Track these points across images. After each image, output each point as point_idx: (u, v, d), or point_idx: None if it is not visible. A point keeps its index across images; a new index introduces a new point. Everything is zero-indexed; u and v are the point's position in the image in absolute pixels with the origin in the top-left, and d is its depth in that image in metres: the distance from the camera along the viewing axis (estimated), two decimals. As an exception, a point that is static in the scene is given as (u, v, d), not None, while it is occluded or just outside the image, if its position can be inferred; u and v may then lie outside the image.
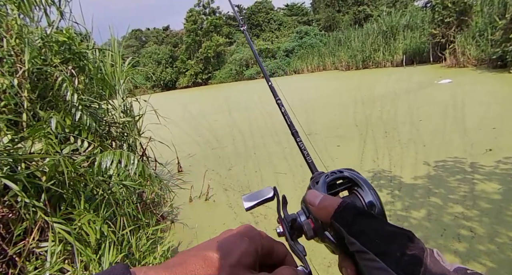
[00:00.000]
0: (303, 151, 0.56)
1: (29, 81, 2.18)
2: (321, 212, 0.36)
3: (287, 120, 0.59)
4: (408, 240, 0.30)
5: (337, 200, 0.35)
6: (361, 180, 0.40)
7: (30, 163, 1.72)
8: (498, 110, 6.40)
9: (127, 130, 3.58)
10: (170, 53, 43.52)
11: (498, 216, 2.96)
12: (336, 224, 0.33)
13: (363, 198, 0.39)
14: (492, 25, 13.48)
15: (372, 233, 0.31)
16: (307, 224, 0.39)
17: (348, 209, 0.33)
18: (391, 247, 0.29)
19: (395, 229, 0.31)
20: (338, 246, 0.36)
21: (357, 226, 0.32)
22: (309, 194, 0.38)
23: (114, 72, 3.79)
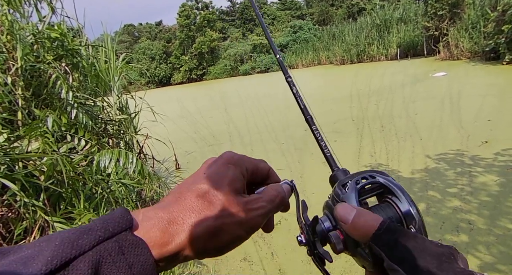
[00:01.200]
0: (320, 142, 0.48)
1: (23, 79, 2.12)
2: (356, 232, 0.32)
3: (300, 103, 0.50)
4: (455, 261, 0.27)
5: (376, 219, 0.31)
6: (397, 187, 0.35)
7: (27, 162, 1.68)
8: (493, 102, 6.45)
9: (124, 127, 3.54)
10: (164, 48, 43.07)
11: (496, 208, 2.99)
12: (376, 248, 0.30)
13: (399, 209, 0.35)
14: (484, 17, 13.54)
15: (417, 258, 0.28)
16: (336, 237, 0.34)
17: (390, 231, 0.30)
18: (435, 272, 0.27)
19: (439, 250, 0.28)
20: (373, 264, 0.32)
21: (401, 251, 0.28)
22: (340, 209, 0.34)
23: (108, 69, 3.72)
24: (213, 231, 0.31)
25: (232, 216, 0.32)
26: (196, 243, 0.30)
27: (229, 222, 0.32)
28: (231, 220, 0.32)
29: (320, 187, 3.99)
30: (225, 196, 0.32)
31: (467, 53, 14.70)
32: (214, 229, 0.31)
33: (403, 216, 0.34)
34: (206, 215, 0.31)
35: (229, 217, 0.32)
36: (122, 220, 0.27)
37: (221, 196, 0.32)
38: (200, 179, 0.34)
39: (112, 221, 0.27)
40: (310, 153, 5.40)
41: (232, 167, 0.35)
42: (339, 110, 8.33)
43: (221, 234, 0.31)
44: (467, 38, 14.61)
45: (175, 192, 0.34)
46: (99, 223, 0.27)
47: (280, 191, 0.37)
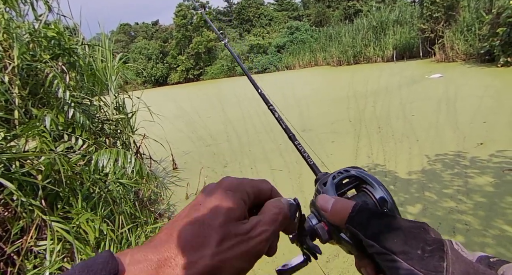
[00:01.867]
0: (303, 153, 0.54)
1: (19, 78, 2.10)
2: (335, 217, 0.35)
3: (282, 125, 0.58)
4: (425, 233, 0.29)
5: (349, 203, 0.34)
6: (369, 177, 0.39)
7: (24, 161, 1.66)
8: (489, 103, 6.51)
9: (121, 127, 3.51)
10: (160, 48, 42.93)
11: (492, 209, 3.02)
12: (352, 228, 0.32)
13: (373, 195, 0.38)
14: (479, 20, 13.67)
15: (389, 232, 0.30)
16: (321, 228, 0.37)
17: (361, 211, 0.33)
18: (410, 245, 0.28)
19: (410, 224, 0.30)
20: (355, 246, 0.35)
21: (373, 228, 0.31)
22: (320, 199, 0.37)
23: (105, 68, 3.70)
24: (211, 271, 0.28)
25: (232, 249, 0.29)
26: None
27: (229, 257, 0.29)
28: (230, 254, 0.29)
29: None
30: (223, 227, 0.29)
31: (462, 55, 14.82)
32: (212, 269, 0.28)
33: (377, 201, 0.38)
34: (202, 253, 0.28)
35: (228, 251, 0.29)
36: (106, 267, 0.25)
37: (218, 228, 0.29)
38: (196, 211, 0.31)
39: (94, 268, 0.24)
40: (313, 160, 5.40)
41: (231, 193, 0.33)
42: (336, 111, 8.36)
43: (221, 272, 0.28)
44: (463, 40, 14.74)
45: (167, 227, 0.30)
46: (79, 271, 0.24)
47: (281, 207, 0.34)
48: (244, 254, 0.30)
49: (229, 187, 0.34)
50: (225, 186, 0.34)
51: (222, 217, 0.30)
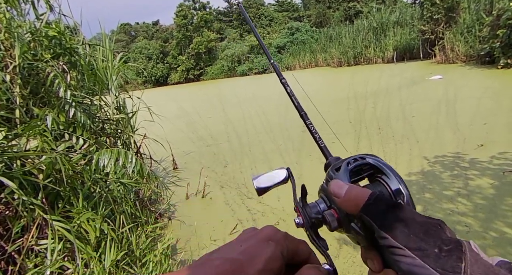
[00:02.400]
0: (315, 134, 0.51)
1: (21, 77, 2.10)
2: (348, 204, 0.33)
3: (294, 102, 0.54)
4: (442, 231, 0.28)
5: (366, 191, 0.32)
6: (386, 167, 0.37)
7: (26, 160, 1.66)
8: (489, 105, 6.52)
9: (121, 127, 3.51)
10: (161, 48, 42.94)
11: (492, 211, 3.02)
12: (366, 217, 0.31)
13: (389, 186, 0.36)
14: (479, 22, 13.69)
15: (405, 226, 0.28)
16: (330, 215, 0.36)
17: (379, 201, 0.31)
18: (427, 242, 0.27)
19: (427, 220, 0.29)
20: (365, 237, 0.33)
21: (389, 220, 0.29)
22: (333, 185, 0.35)
23: (106, 68, 3.70)
24: None
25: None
26: None
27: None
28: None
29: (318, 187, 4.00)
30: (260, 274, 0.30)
31: (462, 56, 14.83)
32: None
33: (392, 192, 0.36)
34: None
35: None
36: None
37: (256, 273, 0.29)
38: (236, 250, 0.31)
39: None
40: (308, 154, 5.41)
41: (272, 244, 0.33)
42: (337, 112, 8.36)
43: None
44: (463, 42, 14.76)
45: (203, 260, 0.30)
46: None
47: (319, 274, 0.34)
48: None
49: (271, 237, 0.34)
50: (268, 235, 0.34)
51: (261, 264, 0.30)
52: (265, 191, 0.42)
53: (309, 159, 5.20)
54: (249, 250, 0.31)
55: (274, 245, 0.33)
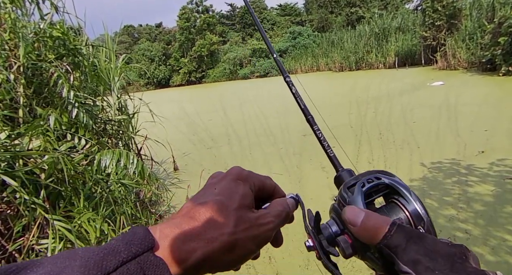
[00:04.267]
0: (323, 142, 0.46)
1: (24, 77, 2.11)
2: (366, 235, 0.31)
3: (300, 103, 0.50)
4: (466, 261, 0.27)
5: (385, 221, 0.31)
6: (403, 188, 0.35)
7: (28, 160, 1.67)
8: (490, 112, 6.52)
9: (123, 128, 3.52)
10: (163, 50, 43.10)
11: (492, 218, 3.01)
12: (386, 250, 0.29)
13: (407, 210, 0.34)
14: (481, 29, 13.74)
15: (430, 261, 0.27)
16: (344, 241, 0.34)
17: (401, 232, 0.29)
18: None
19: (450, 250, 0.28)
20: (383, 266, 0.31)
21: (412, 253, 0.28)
22: (349, 212, 0.33)
23: (108, 69, 3.72)
24: (229, 247, 0.32)
25: (245, 231, 0.33)
26: (211, 259, 0.31)
27: (243, 237, 0.33)
28: (244, 235, 0.33)
29: (318, 192, 4.00)
30: (238, 212, 0.33)
31: (464, 63, 14.87)
32: (230, 245, 0.32)
33: (411, 217, 0.34)
34: (221, 231, 0.32)
35: (242, 232, 0.33)
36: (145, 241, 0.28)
37: (234, 212, 0.33)
38: (212, 195, 0.34)
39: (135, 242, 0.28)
40: (308, 158, 5.41)
41: (241, 183, 0.36)
42: (338, 117, 8.37)
43: (236, 249, 0.32)
44: (464, 48, 14.80)
45: (189, 207, 0.34)
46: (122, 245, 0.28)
47: (285, 206, 0.39)
48: (254, 237, 0.34)
49: (239, 176, 0.37)
50: (236, 176, 0.37)
51: (237, 202, 0.34)
52: None
53: (309, 163, 5.20)
54: (223, 191, 0.35)
55: (242, 183, 0.36)
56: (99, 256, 0.26)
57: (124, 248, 0.27)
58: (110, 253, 0.27)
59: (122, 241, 0.28)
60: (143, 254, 0.28)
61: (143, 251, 0.28)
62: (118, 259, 0.26)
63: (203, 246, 0.30)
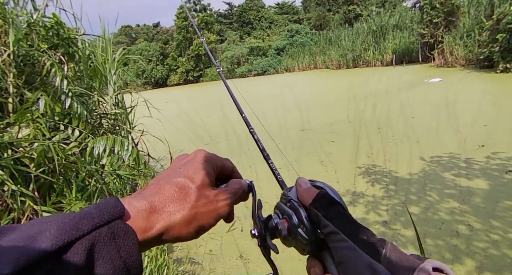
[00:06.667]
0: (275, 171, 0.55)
1: (15, 65, 2.04)
2: (304, 195, 0.40)
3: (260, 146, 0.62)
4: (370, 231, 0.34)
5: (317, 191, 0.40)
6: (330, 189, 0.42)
7: (17, 149, 1.60)
8: (489, 108, 6.49)
9: (120, 122, 3.45)
10: (161, 50, 42.87)
11: (494, 211, 2.97)
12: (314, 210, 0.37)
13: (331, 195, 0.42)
14: (479, 26, 13.71)
15: (344, 219, 0.36)
16: (282, 224, 0.41)
17: (325, 197, 0.39)
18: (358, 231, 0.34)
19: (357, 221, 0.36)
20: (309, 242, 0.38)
21: (332, 212, 0.36)
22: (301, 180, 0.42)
23: (105, 62, 3.65)
24: (188, 219, 0.35)
25: (205, 206, 0.37)
26: (173, 229, 0.35)
27: (202, 211, 0.37)
28: (203, 209, 0.37)
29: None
30: (199, 189, 0.37)
31: (461, 60, 14.86)
32: (189, 218, 0.35)
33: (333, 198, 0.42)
34: (183, 205, 0.35)
35: (202, 207, 0.37)
36: (116, 209, 0.31)
37: (196, 189, 0.37)
38: (178, 173, 0.38)
39: (107, 209, 0.30)
40: (307, 153, 5.36)
41: (204, 164, 0.40)
42: (336, 113, 8.32)
43: (195, 221, 0.36)
44: (462, 46, 14.78)
45: (155, 183, 0.38)
46: (95, 211, 0.30)
47: (242, 184, 0.44)
48: (212, 211, 0.38)
49: (202, 158, 0.41)
50: (200, 157, 0.41)
51: (199, 180, 0.38)
52: None
53: (307, 158, 5.15)
54: (188, 170, 0.39)
55: (205, 163, 0.40)
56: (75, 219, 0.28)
57: (97, 214, 0.30)
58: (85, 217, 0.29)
59: (95, 208, 0.30)
60: (114, 221, 0.30)
61: (115, 218, 0.30)
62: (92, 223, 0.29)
63: (165, 218, 0.34)
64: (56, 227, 0.27)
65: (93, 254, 0.28)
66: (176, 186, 0.36)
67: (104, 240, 0.29)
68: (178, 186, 0.37)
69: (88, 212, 0.29)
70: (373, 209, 3.36)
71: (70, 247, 0.27)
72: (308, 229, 0.38)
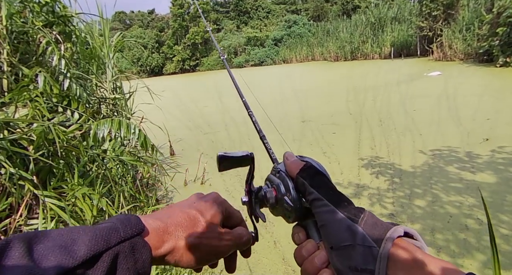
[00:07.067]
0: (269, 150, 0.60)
1: (8, 42, 1.89)
2: (292, 166, 0.43)
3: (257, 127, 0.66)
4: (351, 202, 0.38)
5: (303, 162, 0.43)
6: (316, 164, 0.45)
7: (14, 130, 1.46)
8: (491, 102, 6.45)
9: (119, 108, 3.30)
10: (156, 37, 42.09)
11: (502, 205, 2.93)
12: (301, 179, 0.40)
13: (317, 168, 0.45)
14: (479, 19, 13.61)
15: (327, 187, 0.39)
16: (270, 192, 0.45)
17: (311, 168, 0.42)
18: (340, 198, 0.37)
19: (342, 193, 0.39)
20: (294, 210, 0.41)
21: (316, 181, 0.40)
22: (288, 153, 0.46)
23: (102, 45, 3.47)
24: (192, 247, 0.38)
25: (209, 240, 0.40)
26: (177, 252, 0.38)
27: (206, 243, 0.39)
28: (207, 242, 0.40)
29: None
30: (207, 223, 0.40)
31: (460, 54, 14.82)
32: (193, 245, 0.38)
33: None
34: (190, 233, 0.39)
35: (206, 239, 0.40)
36: (138, 227, 0.34)
37: (204, 223, 0.40)
38: (191, 206, 0.42)
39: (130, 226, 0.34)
40: (309, 144, 5.28)
41: (216, 205, 0.43)
42: (336, 104, 8.23)
43: (197, 251, 0.39)
44: (461, 39, 14.72)
45: (168, 209, 0.41)
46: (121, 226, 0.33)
47: (247, 235, 0.45)
48: (214, 247, 0.41)
49: (215, 200, 0.44)
50: (213, 199, 0.44)
51: (209, 217, 0.41)
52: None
53: (309, 148, 5.08)
54: (200, 206, 0.42)
55: (217, 205, 0.43)
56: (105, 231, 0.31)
57: (122, 229, 0.33)
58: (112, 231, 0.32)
59: (120, 223, 0.33)
60: (135, 237, 0.33)
61: (136, 234, 0.33)
62: (118, 237, 0.32)
63: (173, 240, 0.37)
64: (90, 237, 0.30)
65: (116, 264, 0.31)
66: (188, 216, 0.40)
67: (125, 252, 0.32)
68: (189, 215, 0.40)
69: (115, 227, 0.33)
70: (378, 201, 3.30)
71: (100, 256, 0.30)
72: (294, 197, 0.41)
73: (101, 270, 0.29)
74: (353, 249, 0.33)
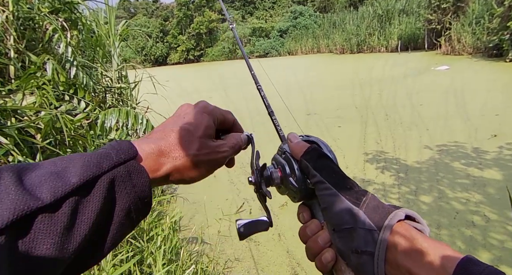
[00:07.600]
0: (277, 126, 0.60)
1: (15, 28, 1.86)
2: (295, 148, 0.43)
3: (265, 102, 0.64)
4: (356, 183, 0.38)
5: (308, 144, 0.43)
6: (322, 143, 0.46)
7: (22, 118, 1.45)
8: (499, 97, 6.35)
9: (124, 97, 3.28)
10: (161, 27, 41.75)
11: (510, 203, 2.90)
12: (304, 162, 0.41)
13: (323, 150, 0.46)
14: (489, 12, 13.30)
15: (330, 170, 0.39)
16: (275, 173, 0.45)
17: (315, 150, 0.42)
18: (343, 181, 0.38)
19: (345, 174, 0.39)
20: (298, 190, 0.42)
21: (320, 164, 0.40)
22: (291, 135, 0.46)
23: (108, 33, 3.43)
24: (191, 165, 0.39)
25: (206, 155, 0.40)
26: (177, 172, 0.38)
27: (203, 159, 0.39)
28: (204, 158, 0.40)
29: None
30: (201, 139, 0.40)
31: (469, 48, 14.56)
32: (191, 164, 0.38)
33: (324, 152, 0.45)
34: (186, 152, 0.38)
35: (203, 156, 0.39)
36: (130, 151, 0.33)
37: (198, 138, 0.40)
38: (182, 122, 0.40)
39: (122, 151, 0.33)
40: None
41: (206, 115, 0.42)
42: (341, 98, 8.15)
43: (196, 168, 0.39)
44: (470, 33, 14.43)
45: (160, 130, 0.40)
46: (113, 152, 0.32)
47: (239, 140, 0.46)
48: (212, 161, 0.41)
49: (205, 110, 0.43)
50: (202, 109, 0.43)
51: (201, 131, 0.40)
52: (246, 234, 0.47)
53: (315, 142, 5.04)
54: (191, 121, 0.41)
55: (207, 116, 0.42)
56: (96, 158, 0.31)
57: (114, 154, 0.32)
58: (104, 157, 0.31)
59: (111, 149, 0.33)
60: (129, 161, 0.33)
61: (130, 158, 0.33)
62: (111, 162, 0.31)
63: (171, 161, 0.37)
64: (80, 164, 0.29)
65: (113, 188, 0.31)
66: (181, 135, 0.39)
67: (122, 177, 0.32)
68: (182, 134, 0.39)
69: (107, 153, 0.32)
70: (384, 197, 3.28)
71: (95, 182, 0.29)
72: (299, 178, 0.42)
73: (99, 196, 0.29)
74: (354, 232, 0.34)
